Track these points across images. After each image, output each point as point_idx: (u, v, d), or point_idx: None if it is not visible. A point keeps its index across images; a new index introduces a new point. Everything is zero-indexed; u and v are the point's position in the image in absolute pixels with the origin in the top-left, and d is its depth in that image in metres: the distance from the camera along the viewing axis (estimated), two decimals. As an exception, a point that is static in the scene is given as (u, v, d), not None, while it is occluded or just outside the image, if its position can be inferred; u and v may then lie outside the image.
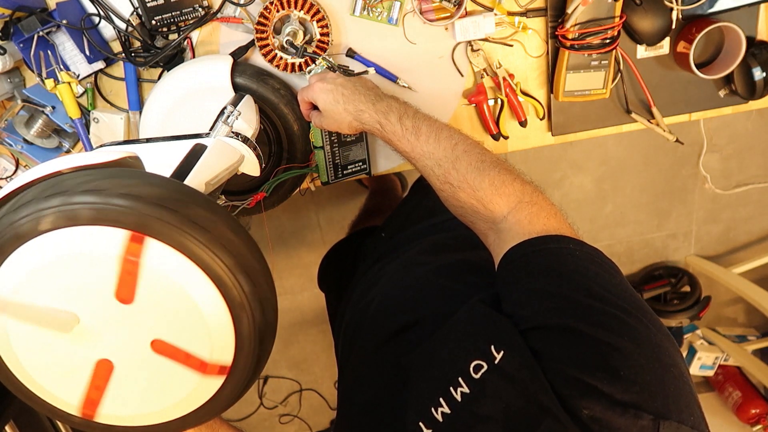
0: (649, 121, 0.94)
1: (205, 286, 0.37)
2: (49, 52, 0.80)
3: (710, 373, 2.13)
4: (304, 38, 0.82)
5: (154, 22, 0.79)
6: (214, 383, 0.40)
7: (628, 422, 0.38)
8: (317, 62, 0.82)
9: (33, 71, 0.79)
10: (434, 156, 0.64)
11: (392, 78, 0.89)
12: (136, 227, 0.35)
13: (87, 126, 0.87)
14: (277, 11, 0.80)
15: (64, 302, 0.37)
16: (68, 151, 0.92)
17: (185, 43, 0.84)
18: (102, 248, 0.35)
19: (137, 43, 0.84)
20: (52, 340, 0.37)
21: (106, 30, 0.83)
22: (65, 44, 0.81)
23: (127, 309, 0.37)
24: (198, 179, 0.52)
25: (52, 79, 0.79)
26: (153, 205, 0.36)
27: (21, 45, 0.78)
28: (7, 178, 0.92)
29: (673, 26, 0.87)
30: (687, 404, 0.40)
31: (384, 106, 0.69)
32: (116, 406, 0.40)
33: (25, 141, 0.88)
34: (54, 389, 0.39)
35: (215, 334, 0.38)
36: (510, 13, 0.87)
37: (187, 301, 0.37)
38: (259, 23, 0.81)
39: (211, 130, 0.67)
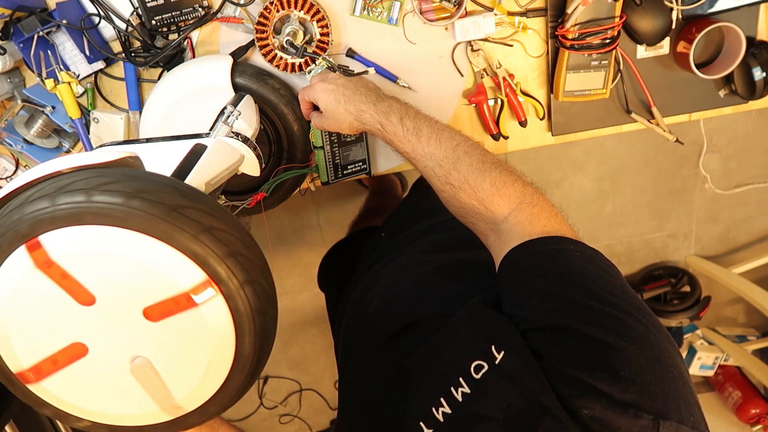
0: (649, 121, 0.94)
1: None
2: (49, 52, 0.80)
3: (710, 373, 2.13)
4: (304, 38, 0.82)
5: (154, 22, 0.79)
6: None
7: (628, 422, 0.38)
8: (317, 62, 0.82)
9: (33, 71, 0.79)
10: (435, 157, 0.64)
11: (392, 78, 0.89)
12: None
13: (87, 126, 0.87)
14: (277, 11, 0.80)
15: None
16: (68, 151, 0.92)
17: (185, 43, 0.84)
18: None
19: (137, 43, 0.84)
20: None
21: (106, 30, 0.83)
22: (65, 44, 0.81)
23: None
24: (198, 179, 0.52)
25: (52, 79, 0.79)
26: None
27: (21, 45, 0.78)
28: (7, 178, 0.92)
29: (673, 26, 0.87)
30: (687, 404, 0.40)
31: (385, 107, 0.69)
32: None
33: (25, 141, 0.88)
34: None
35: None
36: (510, 13, 0.87)
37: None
38: (259, 23, 0.81)
39: (211, 130, 0.67)
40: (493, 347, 0.45)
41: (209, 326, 0.37)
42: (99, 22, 0.81)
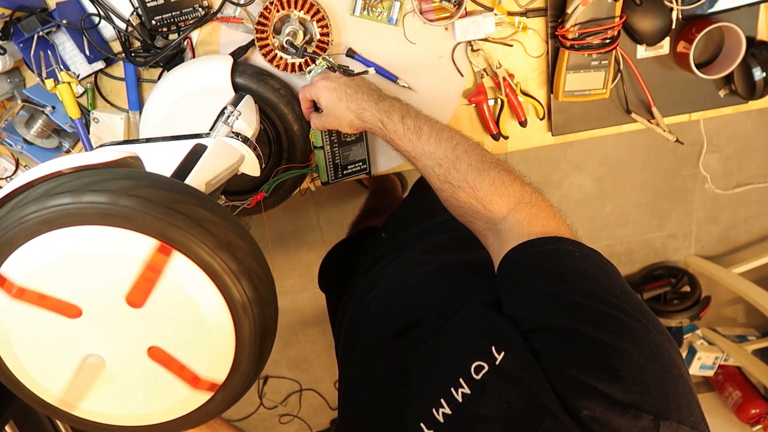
0: (649, 121, 0.94)
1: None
2: (49, 52, 0.80)
3: (710, 373, 2.13)
4: (304, 38, 0.82)
5: (154, 22, 0.79)
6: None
7: (628, 422, 0.38)
8: (317, 62, 0.82)
9: (33, 71, 0.79)
10: (435, 156, 0.64)
11: (392, 78, 0.89)
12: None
13: (87, 126, 0.87)
14: (277, 11, 0.80)
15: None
16: (68, 151, 0.92)
17: (185, 43, 0.84)
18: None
19: (137, 43, 0.84)
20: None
21: (106, 30, 0.83)
22: (65, 44, 0.81)
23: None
24: (198, 179, 0.52)
25: (52, 79, 0.79)
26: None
27: (21, 45, 0.78)
28: (7, 178, 0.92)
29: (673, 26, 0.86)
30: (687, 404, 0.40)
31: (386, 106, 0.69)
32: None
33: (25, 141, 0.88)
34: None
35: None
36: (510, 13, 0.87)
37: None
38: (259, 23, 0.81)
39: (211, 130, 0.67)
40: (493, 348, 0.45)
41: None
42: (99, 22, 0.81)
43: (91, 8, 0.81)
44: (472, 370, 0.45)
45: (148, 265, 0.36)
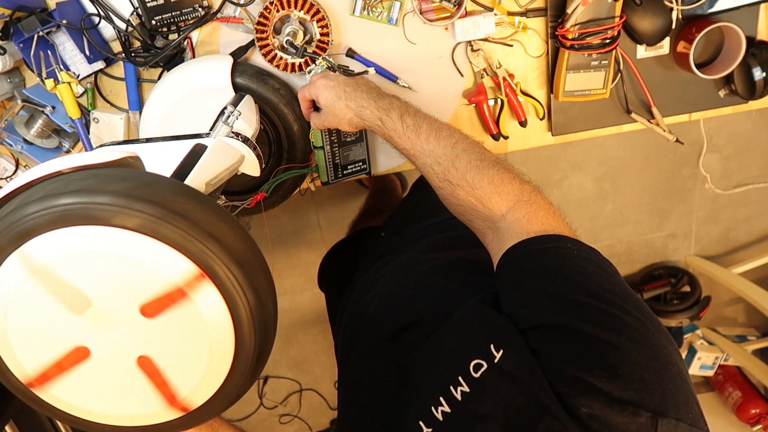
0: (649, 121, 0.94)
1: (229, 335, 0.38)
2: (49, 52, 0.80)
3: (710, 373, 2.13)
4: (304, 38, 0.82)
5: (154, 22, 0.79)
6: (170, 415, 0.41)
7: (627, 420, 0.38)
8: (317, 62, 0.82)
9: (33, 71, 0.79)
10: (434, 154, 0.64)
11: (392, 78, 0.89)
12: (205, 267, 0.36)
13: (87, 126, 0.87)
14: (277, 11, 0.80)
15: (89, 288, 0.37)
16: (68, 151, 0.92)
17: (185, 43, 0.84)
18: (166, 270, 0.36)
19: (137, 43, 0.84)
20: (51, 310, 0.37)
21: (106, 30, 0.83)
22: (65, 44, 0.81)
23: (140, 319, 0.37)
24: (198, 179, 0.52)
25: (52, 79, 0.79)
26: (222, 249, 0.37)
27: (21, 45, 0.78)
28: (7, 178, 0.92)
29: (673, 26, 0.87)
30: (685, 402, 0.40)
31: (386, 104, 0.69)
32: (67, 392, 0.40)
33: (25, 141, 0.88)
34: (19, 351, 0.39)
35: (206, 379, 0.39)
36: (510, 13, 0.87)
37: (203, 342, 0.38)
38: (259, 23, 0.81)
39: (211, 130, 0.67)
40: (492, 346, 0.45)
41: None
42: (99, 22, 0.81)
43: (91, 8, 0.81)
44: (471, 368, 0.45)
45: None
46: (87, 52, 0.81)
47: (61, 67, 0.81)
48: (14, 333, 0.38)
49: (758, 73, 0.88)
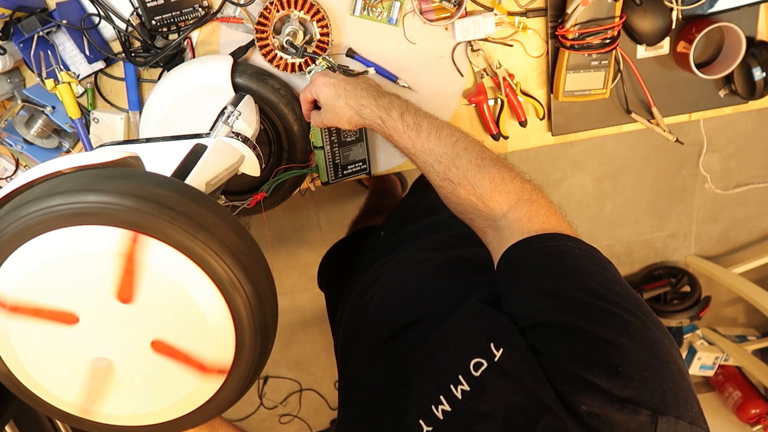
0: (649, 121, 0.94)
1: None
2: (49, 52, 0.80)
3: (710, 373, 2.13)
4: (304, 38, 0.82)
5: (154, 22, 0.79)
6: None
7: (627, 417, 0.38)
8: (317, 62, 0.82)
9: (33, 71, 0.79)
10: (434, 152, 0.64)
11: (392, 78, 0.89)
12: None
13: (87, 126, 0.87)
14: (277, 11, 0.80)
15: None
16: (68, 151, 0.92)
17: (185, 43, 0.84)
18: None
19: (137, 43, 0.84)
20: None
21: (106, 30, 0.83)
22: (65, 44, 0.81)
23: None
24: (198, 179, 0.52)
25: (52, 79, 0.79)
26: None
27: (21, 45, 0.78)
28: (7, 178, 0.92)
29: (673, 26, 0.87)
30: (685, 400, 0.40)
31: (386, 102, 0.69)
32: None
33: (25, 141, 0.88)
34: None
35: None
36: (510, 13, 0.87)
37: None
38: (259, 23, 0.81)
39: (211, 130, 0.67)
40: (492, 345, 0.45)
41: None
42: (99, 22, 0.81)
43: (91, 8, 0.81)
44: (471, 367, 0.45)
45: (122, 256, 0.35)
46: (87, 52, 0.81)
47: (61, 67, 0.81)
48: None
49: (758, 73, 0.88)
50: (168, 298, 0.37)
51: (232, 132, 0.67)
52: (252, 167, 0.70)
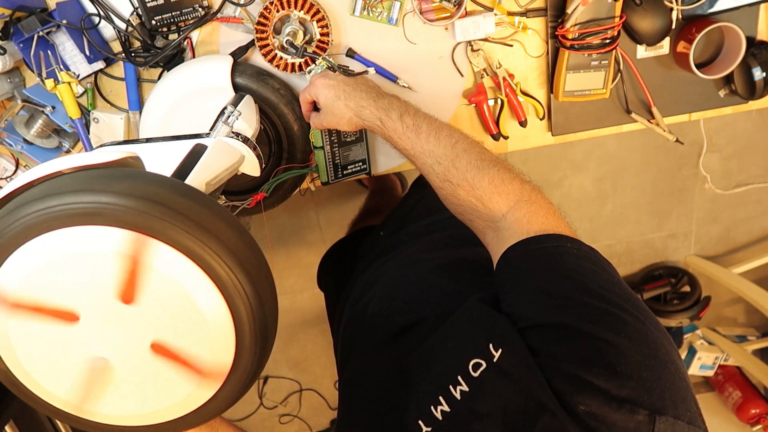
0: (649, 121, 0.95)
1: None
2: (49, 52, 0.80)
3: (710, 373, 2.13)
4: (304, 38, 0.82)
5: (154, 22, 0.79)
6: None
7: (625, 417, 0.38)
8: (317, 62, 0.82)
9: (33, 71, 0.79)
10: (434, 153, 0.64)
11: (392, 78, 0.89)
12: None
13: (87, 126, 0.87)
14: (277, 11, 0.80)
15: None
16: (68, 151, 0.92)
17: (185, 43, 0.84)
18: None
19: (137, 43, 0.84)
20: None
21: (106, 30, 0.83)
22: (65, 44, 0.81)
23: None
24: (198, 179, 0.52)
25: (52, 79, 0.79)
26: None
27: (21, 45, 0.78)
28: (7, 178, 0.92)
29: (673, 26, 0.87)
30: (683, 400, 0.40)
31: (385, 103, 0.69)
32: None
33: (25, 141, 0.88)
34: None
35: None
36: (510, 13, 0.87)
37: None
38: (259, 23, 0.81)
39: (211, 130, 0.67)
40: (490, 345, 0.45)
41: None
42: (99, 22, 0.81)
43: (91, 8, 0.81)
44: (470, 367, 0.45)
45: (126, 257, 0.36)
46: (87, 52, 0.81)
47: (61, 67, 0.81)
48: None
49: (758, 73, 0.88)
50: (170, 300, 0.37)
51: (232, 132, 0.67)
52: (252, 167, 0.70)
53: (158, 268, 0.36)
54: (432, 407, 0.46)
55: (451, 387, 0.46)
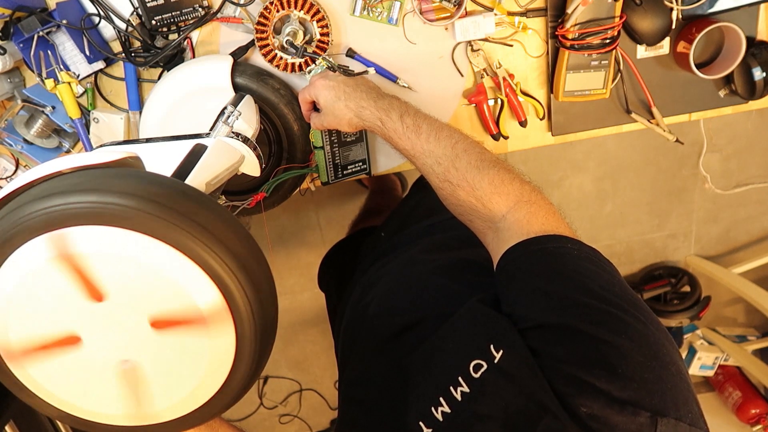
0: (649, 121, 0.94)
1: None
2: (49, 52, 0.80)
3: (710, 373, 2.13)
4: (304, 38, 0.82)
5: (154, 22, 0.79)
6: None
7: (626, 419, 0.38)
8: (317, 62, 0.82)
9: (33, 71, 0.79)
10: (434, 154, 0.64)
11: (392, 78, 0.89)
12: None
13: (87, 126, 0.87)
14: (277, 11, 0.80)
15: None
16: (68, 151, 0.92)
17: (185, 43, 0.84)
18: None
19: (137, 43, 0.84)
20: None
21: (106, 30, 0.83)
22: (65, 44, 0.81)
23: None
24: (198, 179, 0.52)
25: (52, 79, 0.79)
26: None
27: (21, 45, 0.78)
28: (7, 178, 0.92)
29: (673, 26, 0.87)
30: (685, 401, 0.40)
31: (385, 104, 0.69)
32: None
33: (25, 141, 0.88)
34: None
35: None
36: (510, 13, 0.87)
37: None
38: (259, 23, 0.81)
39: (211, 130, 0.67)
40: (491, 346, 0.45)
41: (213, 345, 0.37)
42: (99, 22, 0.81)
43: (91, 8, 0.81)
44: (471, 368, 0.45)
45: (58, 259, 0.35)
46: (87, 52, 0.81)
47: (61, 67, 0.81)
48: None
49: (758, 73, 0.88)
50: (135, 278, 0.37)
51: (232, 132, 0.67)
52: (252, 167, 0.70)
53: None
54: (432, 408, 0.46)
55: (451, 388, 0.45)
